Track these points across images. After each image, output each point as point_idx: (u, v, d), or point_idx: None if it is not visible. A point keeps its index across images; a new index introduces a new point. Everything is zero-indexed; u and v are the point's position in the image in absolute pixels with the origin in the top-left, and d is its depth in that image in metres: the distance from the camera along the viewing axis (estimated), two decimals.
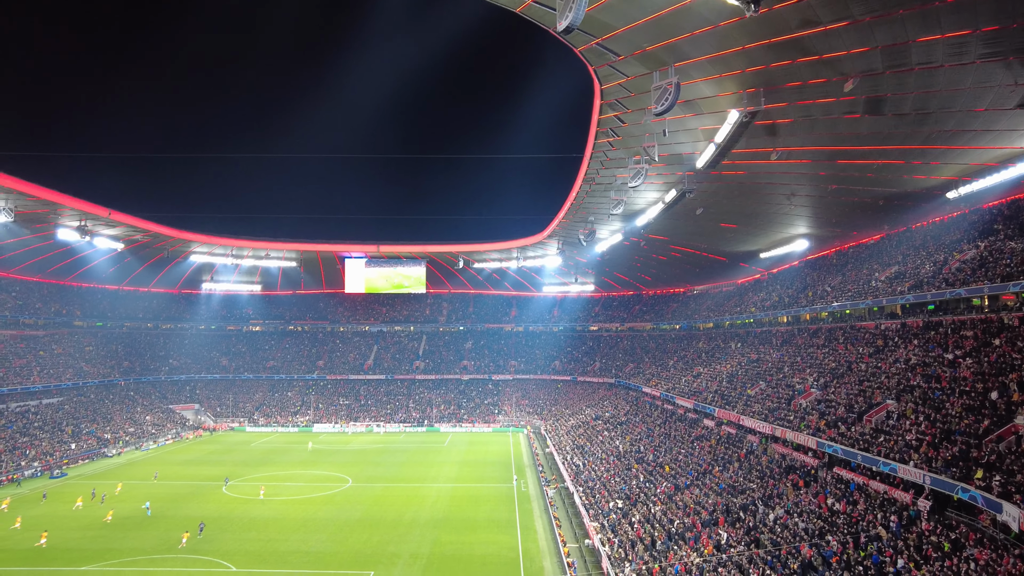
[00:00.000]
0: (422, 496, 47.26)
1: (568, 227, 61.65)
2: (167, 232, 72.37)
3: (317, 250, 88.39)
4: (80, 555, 33.87)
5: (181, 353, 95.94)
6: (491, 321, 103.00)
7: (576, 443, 59.53)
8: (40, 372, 72.59)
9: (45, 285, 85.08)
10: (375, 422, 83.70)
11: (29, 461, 56.30)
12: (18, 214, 53.43)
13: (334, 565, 32.43)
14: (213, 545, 35.50)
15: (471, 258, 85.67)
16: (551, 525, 39.10)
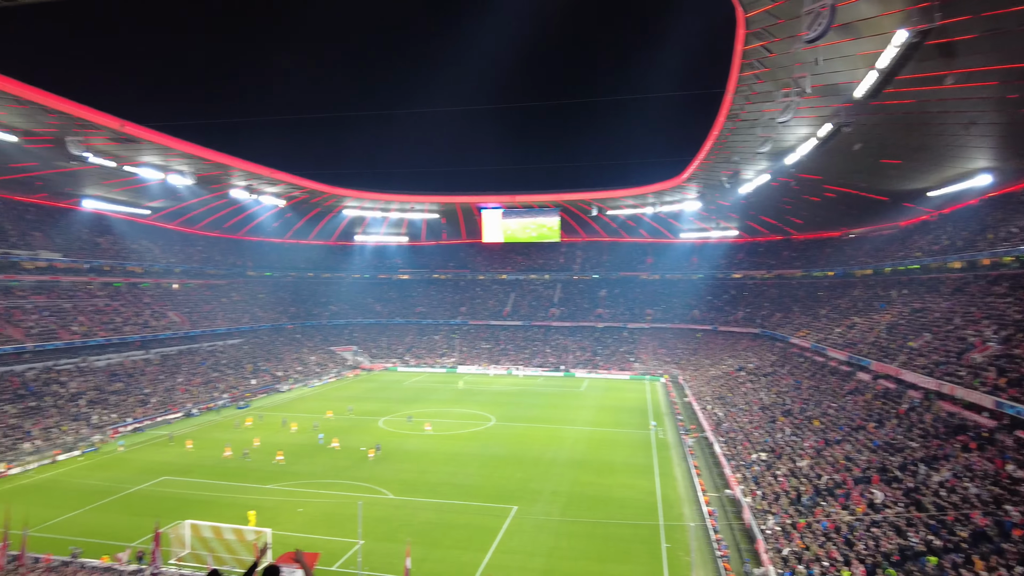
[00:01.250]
0: (561, 437, 48.79)
1: (709, 169, 58.73)
2: (321, 188, 78.28)
3: (457, 202, 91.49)
4: (264, 475, 38.94)
5: (339, 300, 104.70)
6: (626, 269, 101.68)
7: (717, 393, 58.16)
8: (224, 316, 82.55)
9: (223, 240, 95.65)
10: (514, 365, 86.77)
11: (220, 393, 64.88)
12: (198, 177, 60.21)
13: (480, 498, 34.71)
14: (372, 473, 39.25)
15: (605, 205, 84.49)
16: (690, 473, 38.96)
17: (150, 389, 59.49)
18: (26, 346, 53.65)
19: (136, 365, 63.32)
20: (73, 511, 32.94)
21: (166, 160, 56.55)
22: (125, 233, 76.69)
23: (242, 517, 30.32)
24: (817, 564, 23.10)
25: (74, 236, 69.15)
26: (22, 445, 43.55)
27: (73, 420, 49.17)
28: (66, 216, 70.04)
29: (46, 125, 44.36)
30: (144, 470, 40.27)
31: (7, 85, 38.09)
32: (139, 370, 62.57)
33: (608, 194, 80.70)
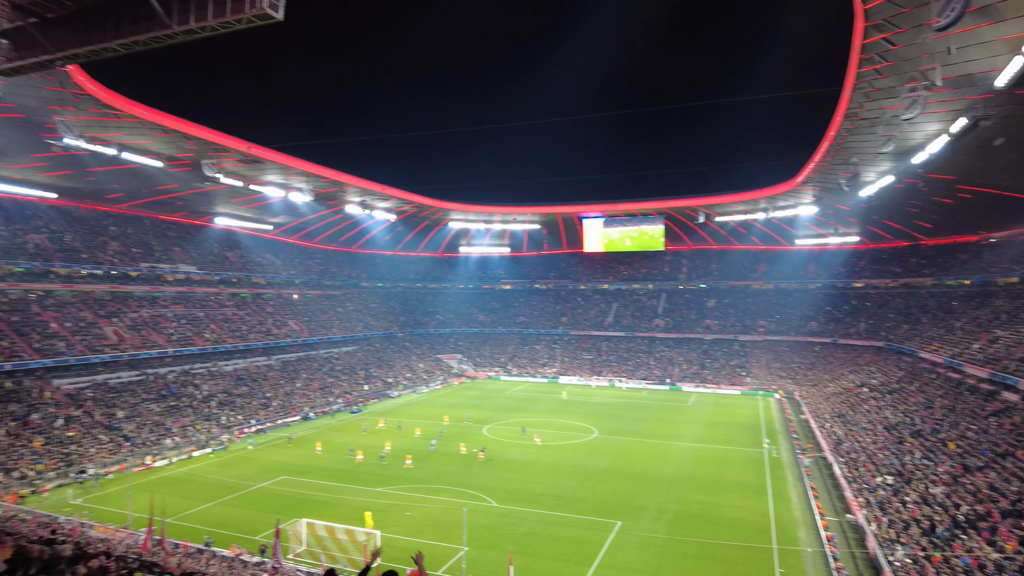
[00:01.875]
0: (666, 453, 47.39)
1: (825, 172, 55.32)
2: (429, 202, 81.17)
3: (558, 212, 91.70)
4: (374, 479, 40.51)
5: (445, 309, 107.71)
6: (736, 278, 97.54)
7: (836, 411, 54.37)
8: (339, 325, 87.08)
9: (339, 253, 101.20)
10: (617, 377, 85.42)
11: (335, 398, 68.37)
12: (316, 194, 64.12)
13: (583, 511, 34.30)
14: (477, 480, 39.83)
15: (712, 212, 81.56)
16: (807, 495, 36.58)
17: (271, 393, 63.68)
18: (167, 351, 59.09)
19: (259, 370, 68.04)
20: (205, 503, 35.73)
21: (287, 178, 60.68)
22: (251, 247, 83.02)
23: (353, 518, 31.65)
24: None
25: (207, 250, 75.64)
26: (164, 440, 47.91)
27: (205, 420, 53.50)
28: (201, 232, 76.82)
29: (185, 150, 48.90)
30: (266, 469, 43.06)
31: (155, 116, 42.36)
32: (262, 375, 67.19)
33: (716, 200, 77.90)
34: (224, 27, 16.38)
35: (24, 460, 39.87)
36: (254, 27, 16.50)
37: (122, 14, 17.41)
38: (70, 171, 52.10)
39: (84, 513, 31.96)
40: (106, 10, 17.54)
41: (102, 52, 18.06)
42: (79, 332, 54.19)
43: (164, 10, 16.42)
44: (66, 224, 61.75)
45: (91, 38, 17.93)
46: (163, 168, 51.07)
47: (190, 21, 16.40)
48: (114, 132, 43.63)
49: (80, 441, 44.09)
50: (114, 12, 17.47)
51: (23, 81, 29.49)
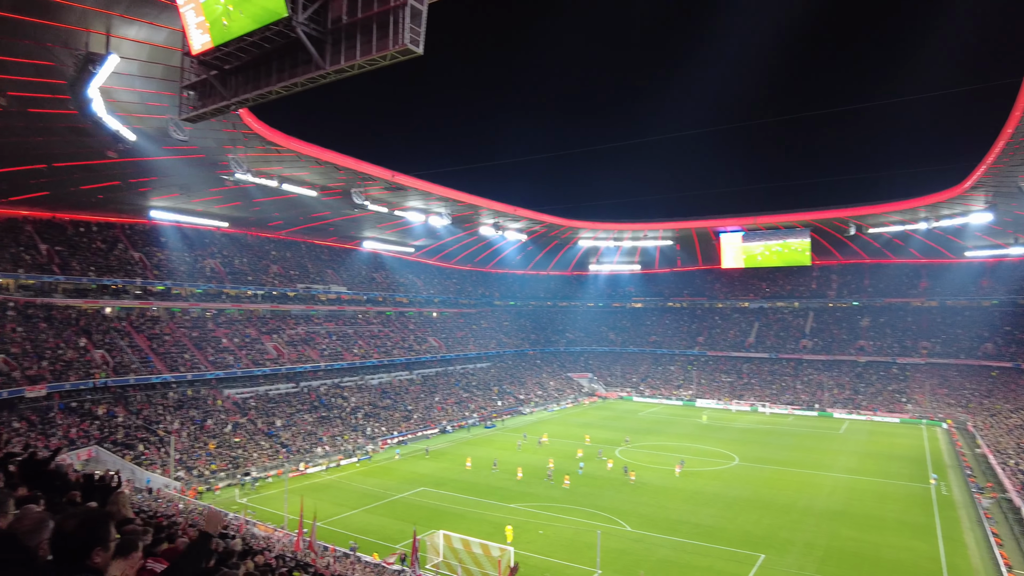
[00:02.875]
0: (815, 484, 43.90)
1: (1001, 174, 49.14)
2: (559, 222, 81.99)
3: (692, 227, 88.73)
4: (508, 494, 41.04)
5: (575, 327, 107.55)
6: (893, 295, 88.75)
7: (1022, 445, 47.61)
8: (474, 342, 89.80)
9: (474, 273, 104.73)
10: (759, 401, 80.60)
11: (471, 412, 70.36)
12: (453, 217, 66.96)
13: (723, 541, 32.54)
14: (610, 503, 39.12)
15: (864, 223, 75.04)
16: (988, 541, 32.21)
17: (412, 406, 66.75)
18: (320, 365, 63.91)
19: (402, 384, 71.63)
20: (351, 510, 38.00)
21: (427, 204, 63.97)
22: (394, 268, 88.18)
23: (487, 532, 32.23)
24: None
25: (355, 272, 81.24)
26: (315, 449, 51.70)
27: (352, 430, 57.07)
28: (350, 255, 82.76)
29: (336, 180, 53.08)
30: (406, 480, 45.05)
31: (310, 150, 46.44)
32: (404, 389, 70.68)
33: (868, 210, 71.63)
34: (370, 64, 17.70)
35: (201, 460, 44.70)
36: (397, 63, 17.67)
37: (284, 60, 19.37)
38: (239, 202, 58.32)
39: (248, 512, 35.21)
40: (271, 58, 19.60)
41: (267, 95, 20.18)
42: (245, 347, 60.10)
43: (318, 53, 18.05)
44: (235, 250, 69.03)
45: (259, 84, 20.11)
46: (317, 197, 55.68)
47: (340, 61, 17.89)
48: (275, 166, 48.33)
49: (245, 446, 48.70)
50: (277, 59, 19.48)
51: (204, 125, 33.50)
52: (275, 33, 18.15)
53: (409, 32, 16.35)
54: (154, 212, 58.20)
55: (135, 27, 25.40)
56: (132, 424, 45.61)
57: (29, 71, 28.23)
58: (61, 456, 33.95)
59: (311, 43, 17.89)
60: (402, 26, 16.33)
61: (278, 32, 18.07)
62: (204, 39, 19.64)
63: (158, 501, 32.19)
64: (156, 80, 30.67)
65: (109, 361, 48.21)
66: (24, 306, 48.69)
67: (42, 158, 39.99)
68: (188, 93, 22.37)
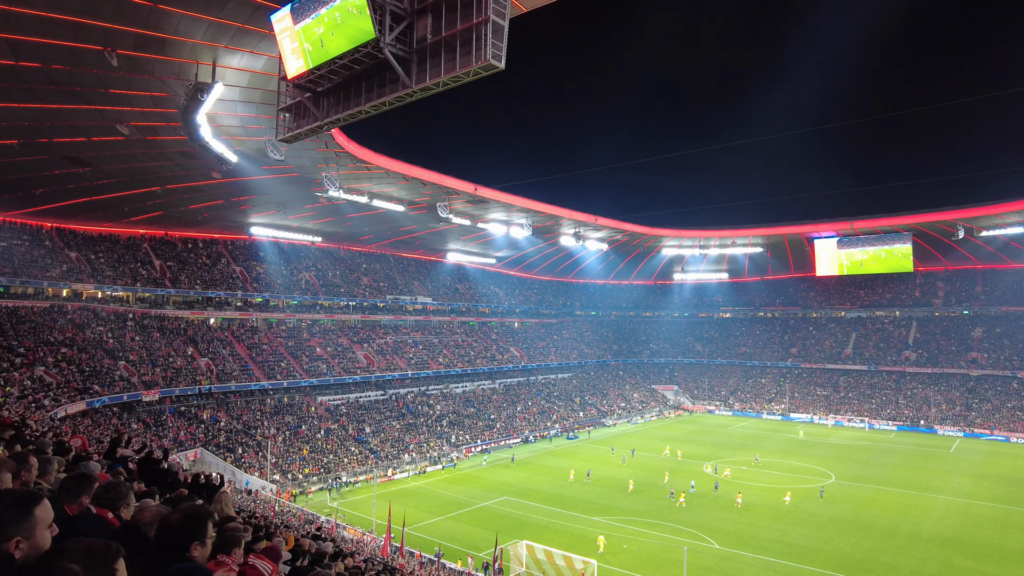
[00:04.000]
0: (922, 507, 40.82)
1: None
2: (641, 230, 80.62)
3: (783, 233, 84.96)
4: (592, 507, 40.57)
5: (659, 338, 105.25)
6: (1011, 303, 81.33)
7: None
8: (555, 352, 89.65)
9: (554, 283, 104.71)
10: (858, 416, 75.96)
11: (552, 423, 70.21)
12: (534, 228, 67.28)
13: (818, 563, 30.81)
14: (697, 519, 37.91)
15: (975, 225, 69.32)
16: None
17: (495, 415, 67.35)
18: (407, 373, 65.71)
19: (484, 393, 72.46)
20: (436, 517, 38.70)
21: (509, 215, 64.65)
22: (477, 279, 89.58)
23: (569, 544, 31.99)
24: None
25: (440, 283, 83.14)
26: (403, 455, 53.08)
27: (437, 438, 58.21)
28: (435, 267, 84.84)
29: (422, 195, 54.60)
30: (490, 488, 45.42)
31: (397, 166, 48.05)
32: (487, 398, 71.46)
33: (979, 211, 66.17)
34: (455, 81, 18.18)
35: (295, 464, 46.85)
36: (480, 78, 18.06)
37: (372, 81, 20.22)
38: (332, 218, 61.10)
39: (339, 515, 36.55)
40: (360, 79, 20.51)
41: (357, 115, 21.12)
42: (337, 356, 62.64)
43: (404, 72, 18.72)
44: (328, 263, 72.26)
45: (349, 104, 21.08)
46: (404, 211, 57.48)
47: (426, 79, 18.48)
48: (365, 183, 50.31)
49: (336, 451, 50.65)
50: (366, 80, 20.36)
51: (299, 145, 35.38)
52: (364, 55, 19.01)
53: (491, 48, 16.70)
54: (253, 228, 61.97)
55: (237, 56, 27.23)
56: (233, 428, 48.48)
57: (147, 102, 30.83)
58: (172, 456, 36.56)
59: (398, 63, 18.60)
60: (484, 42, 16.70)
61: (367, 54, 18.92)
62: (298, 63, 20.82)
63: (256, 502, 34.00)
64: (255, 104, 32.71)
65: (213, 369, 51.53)
66: (141, 317, 52.92)
67: (156, 180, 43.51)
68: (284, 115, 23.77)
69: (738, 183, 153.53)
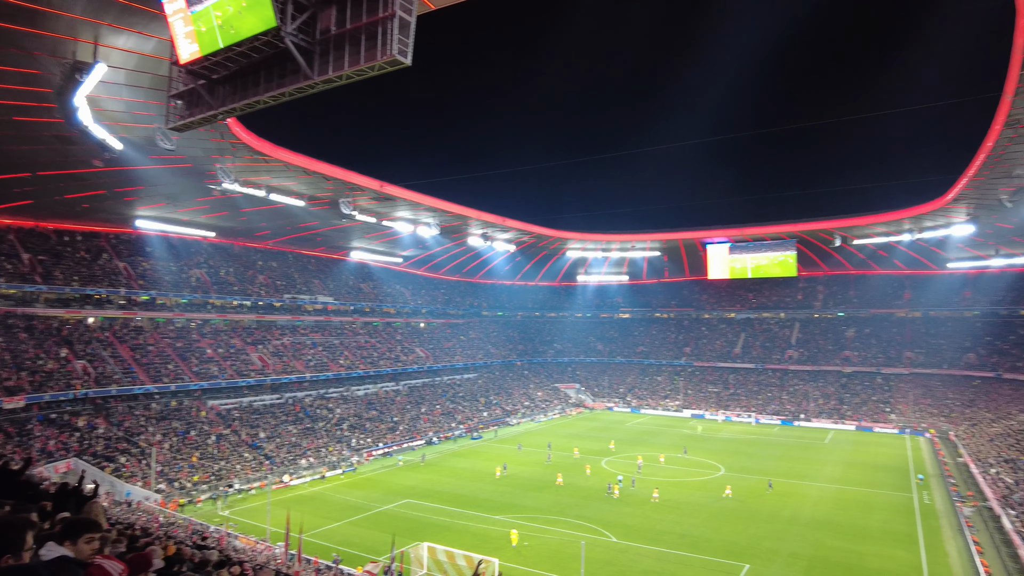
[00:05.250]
0: (801, 494, 44.09)
1: (983, 187, 49.96)
2: (547, 232, 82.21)
3: (680, 238, 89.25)
4: (493, 506, 40.85)
5: (563, 338, 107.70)
6: (877, 305, 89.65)
7: (1004, 455, 48.10)
8: (461, 353, 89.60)
9: (462, 283, 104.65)
10: (746, 411, 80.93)
11: (456, 424, 70.07)
12: (442, 227, 66.98)
13: (708, 551, 32.58)
14: (596, 514, 39.04)
15: (849, 234, 75.88)
16: (968, 550, 32.51)
17: (399, 417, 66.39)
18: (306, 376, 63.49)
19: (388, 395, 71.27)
20: (335, 522, 37.67)
21: (416, 214, 63.95)
22: (382, 279, 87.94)
23: (470, 544, 32.10)
24: None
25: (343, 282, 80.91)
26: (300, 460, 51.25)
27: (337, 442, 56.64)
28: (337, 265, 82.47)
29: (325, 190, 52.99)
30: (392, 491, 44.73)
31: (298, 160, 46.38)
32: (390, 400, 70.32)
33: (853, 222, 72.42)
34: (358, 75, 17.78)
35: (183, 472, 44.15)
36: (385, 73, 17.77)
37: (272, 70, 19.41)
38: (226, 212, 58.05)
39: (230, 524, 34.80)
40: (259, 68, 19.64)
41: (255, 105, 20.20)
42: (230, 357, 59.59)
43: (307, 64, 18.11)
44: (222, 260, 68.60)
45: (247, 93, 20.13)
46: (305, 207, 55.52)
47: (328, 71, 17.96)
48: (264, 176, 48.19)
49: (228, 458, 48.19)
50: (265, 69, 19.52)
51: (192, 135, 33.41)
52: (264, 43, 18.20)
53: (397, 43, 16.46)
54: (140, 222, 57.76)
55: (124, 36, 25.35)
56: (113, 436, 45.02)
57: (15, 79, 28.06)
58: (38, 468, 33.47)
59: (299, 53, 17.95)
60: (390, 37, 16.44)
61: (267, 42, 18.12)
62: (192, 48, 19.64)
63: (137, 513, 31.76)
64: (143, 89, 30.57)
65: (91, 372, 47.63)
66: (4, 316, 48.05)
67: (26, 166, 39.68)
68: (175, 102, 22.34)
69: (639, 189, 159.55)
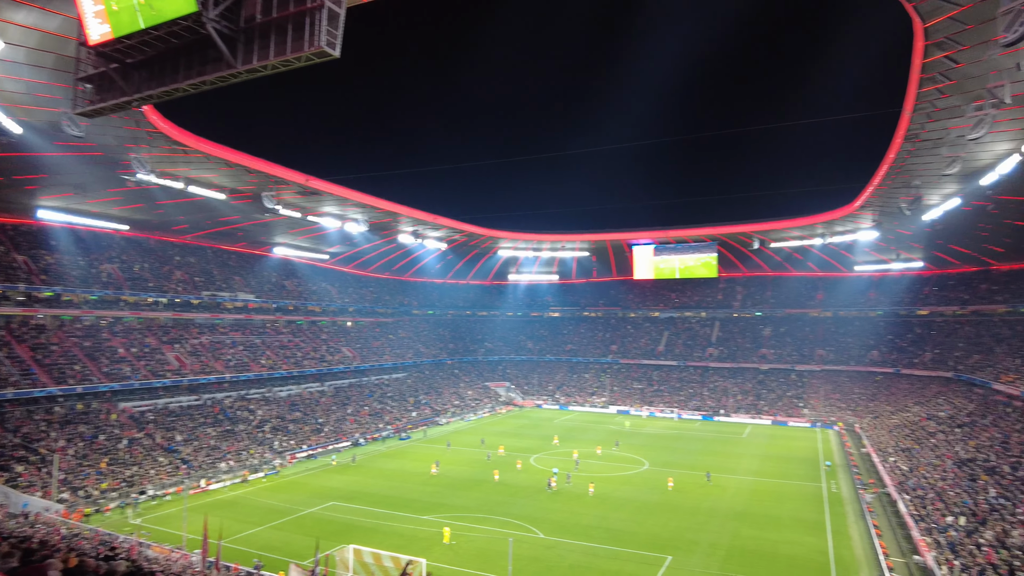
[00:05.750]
0: (720, 486, 45.92)
1: (885, 195, 53.57)
2: (479, 231, 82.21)
3: (607, 239, 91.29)
4: (421, 506, 40.52)
5: (494, 337, 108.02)
6: (793, 306, 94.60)
7: (900, 444, 51.76)
8: (390, 352, 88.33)
9: (391, 281, 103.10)
10: (669, 407, 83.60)
11: (385, 424, 69.05)
12: (371, 224, 65.77)
13: (633, 544, 33.44)
14: (524, 511, 39.37)
15: (767, 238, 79.79)
16: (869, 533, 34.79)
17: (324, 419, 64.79)
18: (225, 376, 60.99)
19: (312, 396, 69.42)
20: (256, 527, 36.38)
21: (343, 210, 62.50)
22: (307, 276, 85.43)
23: (398, 545, 31.74)
24: None
25: (265, 279, 78.14)
26: (219, 464, 49.21)
27: (259, 444, 54.74)
28: (260, 262, 79.57)
29: (247, 183, 51.04)
30: (316, 494, 43.62)
31: (219, 151, 44.46)
32: (315, 400, 68.52)
33: (770, 226, 76.22)
34: (284, 65, 17.21)
35: (90, 480, 41.53)
36: (313, 64, 17.27)
37: (192, 57, 18.49)
38: (141, 204, 54.99)
39: (143, 533, 33.00)
40: (179, 54, 18.66)
41: (173, 92, 19.19)
42: (144, 357, 56.55)
43: (230, 52, 17.35)
44: (136, 254, 64.93)
45: (164, 80, 19.09)
46: (226, 200, 53.32)
47: (253, 61, 17.27)
48: (182, 167, 45.96)
49: (141, 463, 45.71)
50: (185, 55, 18.57)
51: (103, 121, 31.48)
52: (183, 28, 17.32)
53: (326, 34, 16.01)
54: (42, 212, 53.86)
55: (23, 11, 23.59)
56: (8, 443, 41.83)
57: None
58: None
59: (222, 40, 17.18)
60: (318, 28, 15.98)
61: (187, 28, 17.25)
62: (103, 29, 18.44)
63: (36, 527, 29.64)
64: (47, 70, 28.53)
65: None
66: None
67: None
68: (84, 86, 20.91)
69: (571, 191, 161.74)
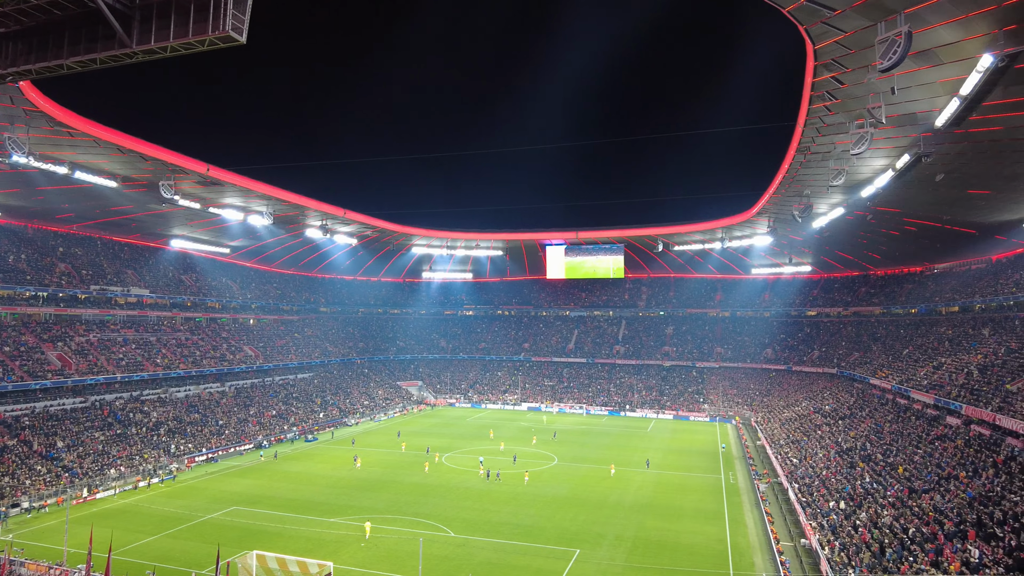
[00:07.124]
0: (626, 480, 47.48)
1: (780, 203, 57.16)
2: (392, 227, 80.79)
3: (521, 239, 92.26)
4: (328, 508, 39.48)
5: (406, 335, 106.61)
6: (694, 306, 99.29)
7: (791, 437, 55.46)
8: (296, 351, 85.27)
9: (298, 277, 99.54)
10: (577, 403, 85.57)
11: (290, 426, 66.68)
12: (276, 217, 63.10)
13: (542, 539, 34.01)
14: (434, 510, 39.19)
15: (671, 241, 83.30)
16: (763, 520, 37.08)
17: (224, 420, 61.78)
18: (116, 376, 56.89)
19: (212, 397, 66.02)
20: (151, 536, 34.22)
21: (247, 201, 59.68)
22: (207, 270, 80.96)
23: (305, 549, 30.81)
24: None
25: (161, 274, 73.45)
26: (108, 471, 45.87)
27: (154, 448, 51.51)
28: (155, 255, 74.74)
29: (142, 171, 47.77)
30: (216, 499, 41.57)
31: (111, 135, 41.35)
32: (215, 402, 65.19)
33: (674, 229, 79.63)
34: (186, 48, 16.27)
35: None
36: (217, 49, 16.43)
37: (80, 31, 17.13)
38: (17, 189, 50.29)
39: (15, 550, 30.25)
40: (64, 27, 17.23)
41: (57, 69, 17.72)
42: (20, 356, 51.86)
43: (124, 30, 16.21)
44: (11, 244, 59.36)
45: (46, 55, 17.58)
46: (117, 189, 49.68)
47: (151, 41, 16.23)
48: (67, 151, 42.43)
49: (14, 472, 41.90)
50: (72, 30, 17.18)
51: None
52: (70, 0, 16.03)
53: (232, 18, 15.27)
54: None
55: None
56: None
57: None
58: None
59: (115, 17, 16.03)
60: (224, 11, 15.22)
61: None
62: None
63: None
64: None
65: None
66: None
67: None
68: None
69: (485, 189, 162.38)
